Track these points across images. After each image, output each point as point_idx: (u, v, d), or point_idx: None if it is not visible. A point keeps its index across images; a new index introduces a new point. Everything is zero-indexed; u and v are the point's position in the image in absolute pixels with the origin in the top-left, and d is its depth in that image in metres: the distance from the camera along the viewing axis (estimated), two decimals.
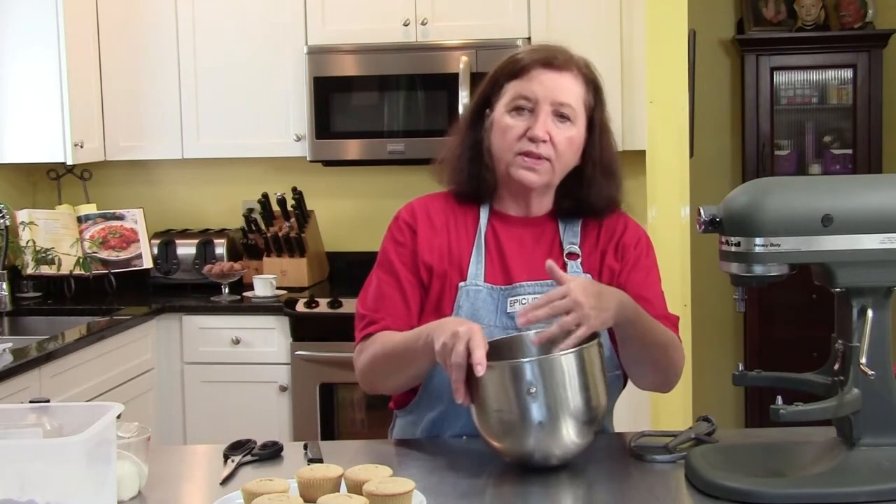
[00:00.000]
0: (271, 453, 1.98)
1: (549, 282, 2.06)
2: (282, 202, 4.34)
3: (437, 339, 1.85)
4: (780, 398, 1.72)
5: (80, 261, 4.34)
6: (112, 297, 4.32)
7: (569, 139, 2.05)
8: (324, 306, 4.05)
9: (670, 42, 3.64)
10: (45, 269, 4.30)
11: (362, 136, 4.29)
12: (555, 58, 2.06)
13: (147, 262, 4.46)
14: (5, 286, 3.99)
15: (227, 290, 4.28)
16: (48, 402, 1.75)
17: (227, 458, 1.96)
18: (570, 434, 1.81)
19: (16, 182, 4.60)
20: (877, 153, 4.98)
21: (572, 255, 2.11)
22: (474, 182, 2.12)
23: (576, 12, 4.11)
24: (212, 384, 4.14)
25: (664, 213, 3.65)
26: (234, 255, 4.52)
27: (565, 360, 1.81)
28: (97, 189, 4.70)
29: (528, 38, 4.12)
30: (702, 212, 1.79)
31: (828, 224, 1.72)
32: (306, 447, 2.00)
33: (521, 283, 2.08)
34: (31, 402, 1.76)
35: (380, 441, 2.20)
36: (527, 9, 4.16)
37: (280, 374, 4.10)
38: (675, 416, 3.50)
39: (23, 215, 4.33)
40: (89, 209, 4.54)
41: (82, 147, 4.23)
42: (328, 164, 4.40)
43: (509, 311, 2.06)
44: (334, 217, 4.64)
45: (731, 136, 5.27)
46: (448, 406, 2.05)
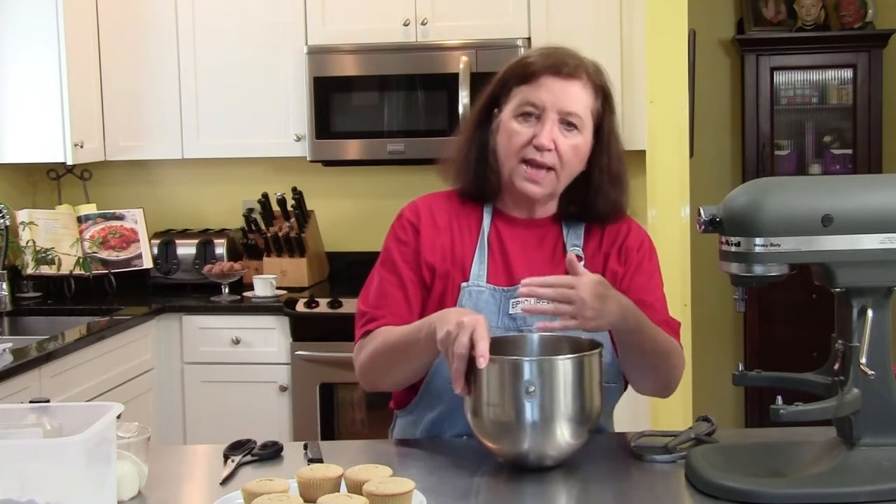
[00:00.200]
0: (271, 453, 1.98)
1: None
2: (282, 202, 4.34)
3: (441, 328, 1.86)
4: (780, 398, 1.72)
5: (80, 261, 4.34)
6: (112, 297, 4.32)
7: (574, 147, 2.05)
8: (324, 306, 4.05)
9: (670, 42, 3.65)
10: (45, 269, 4.30)
11: (362, 136, 4.28)
12: (565, 64, 2.05)
13: (147, 262, 4.46)
14: (5, 286, 3.98)
15: (227, 290, 4.28)
16: (48, 402, 1.75)
17: (227, 458, 1.96)
18: (564, 435, 1.82)
19: (16, 182, 4.60)
20: (877, 153, 4.98)
21: (576, 258, 2.11)
22: (479, 182, 2.12)
23: (576, 12, 4.10)
24: (212, 384, 4.14)
25: (664, 213, 3.65)
26: (234, 255, 4.52)
27: (565, 364, 1.82)
28: (97, 189, 4.70)
29: (528, 38, 4.12)
30: (702, 212, 1.79)
31: (828, 224, 1.72)
32: (306, 447, 2.00)
33: None
34: (31, 402, 1.76)
35: (380, 441, 2.20)
36: (527, 9, 4.16)
37: (280, 374, 4.10)
38: (675, 416, 3.50)
39: (23, 215, 4.33)
40: (89, 209, 4.54)
41: (82, 147, 4.23)
42: (328, 164, 4.40)
43: (511, 312, 2.06)
44: (334, 217, 4.64)
45: (731, 136, 5.27)
46: (448, 406, 2.05)
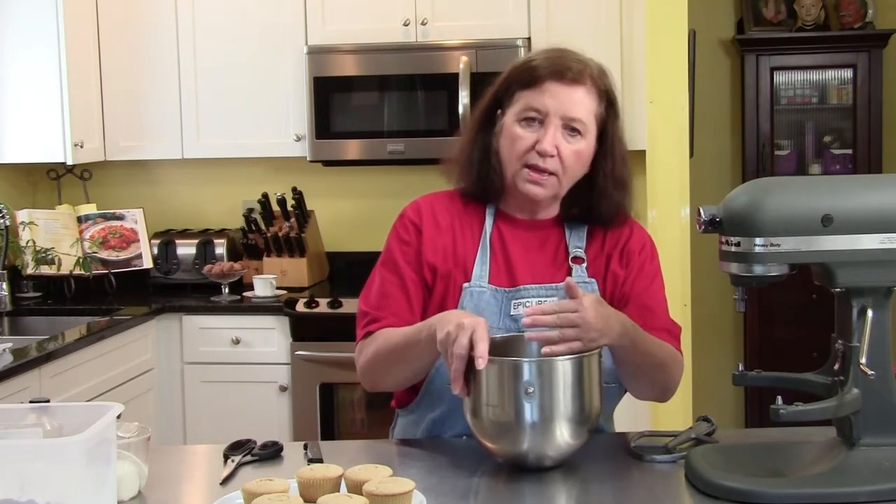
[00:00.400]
0: (271, 453, 1.98)
1: (553, 285, 2.06)
2: (282, 202, 4.34)
3: (441, 329, 1.86)
4: (780, 398, 1.73)
5: (80, 261, 4.34)
6: (112, 297, 4.32)
7: (576, 153, 2.04)
8: (324, 306, 4.05)
9: (670, 42, 3.65)
10: (45, 269, 4.30)
11: (362, 136, 4.28)
12: (568, 69, 2.04)
13: (147, 262, 4.46)
14: (5, 286, 3.98)
15: (227, 290, 4.28)
16: (48, 402, 1.75)
17: (227, 458, 1.96)
18: (563, 436, 1.82)
19: (16, 182, 4.60)
20: (877, 153, 4.98)
21: (577, 260, 2.11)
22: (482, 183, 2.12)
23: (576, 12, 4.10)
24: (212, 384, 4.14)
25: (664, 213, 3.65)
26: (234, 255, 4.52)
27: (565, 365, 1.82)
28: (97, 189, 4.70)
29: (528, 38, 4.12)
30: (702, 212, 1.79)
31: (828, 224, 1.72)
32: (306, 447, 2.00)
33: (526, 285, 2.08)
34: (31, 402, 1.76)
35: (380, 441, 2.20)
36: (527, 9, 4.15)
37: (280, 374, 4.10)
38: (675, 416, 3.50)
39: (23, 215, 4.33)
40: (89, 209, 4.54)
41: (82, 147, 4.23)
42: (328, 164, 4.40)
43: (513, 313, 2.06)
44: (334, 217, 4.64)
45: (731, 136, 5.27)
46: (449, 406, 2.05)
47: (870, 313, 1.75)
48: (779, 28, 5.08)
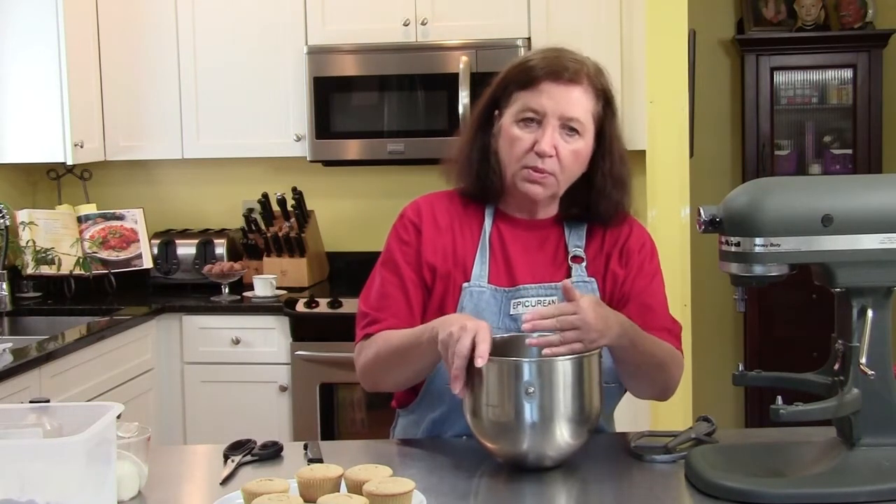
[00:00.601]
0: (271, 453, 1.98)
1: (552, 285, 2.07)
2: (282, 202, 4.34)
3: (444, 330, 1.86)
4: (780, 398, 1.73)
5: (80, 261, 4.34)
6: (112, 297, 4.32)
7: (575, 152, 2.04)
8: (324, 306, 4.05)
9: (670, 42, 3.64)
10: (45, 269, 4.30)
11: (362, 136, 4.28)
12: (565, 69, 2.03)
13: (147, 262, 4.46)
14: (5, 286, 3.98)
15: (227, 290, 4.28)
16: (48, 402, 1.75)
17: (227, 458, 1.96)
18: (563, 436, 1.82)
19: (16, 182, 4.60)
20: (877, 153, 4.98)
21: (577, 259, 2.11)
22: (482, 183, 2.12)
23: (576, 12, 4.10)
24: (212, 384, 4.14)
25: (664, 213, 3.65)
26: (234, 255, 4.52)
27: (565, 365, 1.82)
28: (97, 189, 4.70)
29: (528, 38, 4.12)
30: (702, 212, 1.79)
31: (828, 224, 1.72)
32: (306, 447, 2.01)
33: (525, 285, 2.08)
34: (31, 402, 1.76)
35: (380, 441, 2.20)
36: (527, 9, 4.15)
37: (280, 374, 4.10)
38: (675, 416, 3.50)
39: (23, 215, 4.33)
40: (89, 209, 4.54)
41: (82, 147, 4.23)
42: (328, 164, 4.40)
43: (512, 313, 2.06)
44: (334, 217, 4.64)
45: (731, 136, 5.27)
46: (450, 406, 2.05)
47: (870, 313, 1.75)
48: (779, 28, 5.08)
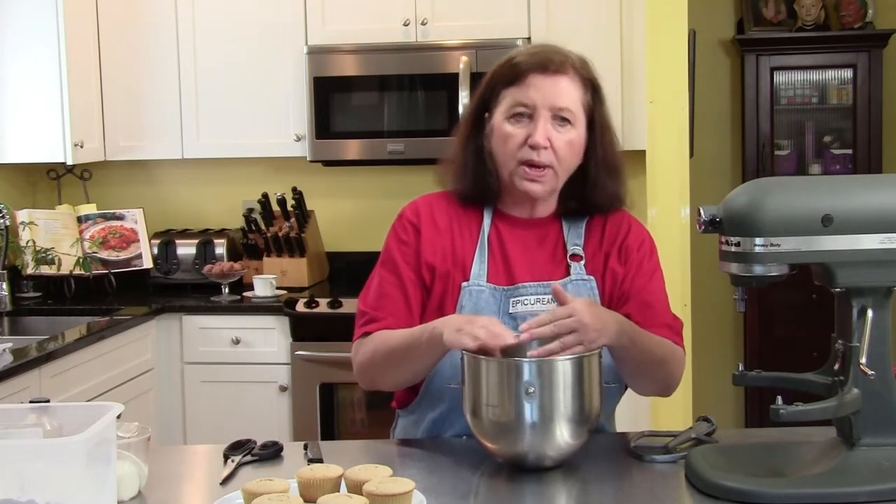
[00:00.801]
0: (271, 453, 1.99)
1: (551, 283, 2.06)
2: (282, 202, 4.34)
3: (450, 326, 1.89)
4: (780, 398, 1.73)
5: (80, 261, 4.34)
6: (112, 297, 4.32)
7: (569, 142, 2.05)
8: (324, 306, 4.05)
9: (670, 42, 3.64)
10: (45, 269, 4.30)
11: (362, 136, 4.28)
12: (550, 61, 2.05)
13: (147, 262, 4.46)
14: (5, 286, 3.98)
15: (227, 290, 4.28)
16: (48, 402, 1.75)
17: (227, 458, 1.96)
18: (563, 436, 1.82)
19: (16, 182, 4.60)
20: (877, 153, 4.98)
21: (576, 257, 2.11)
22: (479, 186, 2.12)
23: (576, 12, 4.10)
24: (212, 384, 4.14)
25: (664, 213, 3.65)
26: (234, 255, 4.52)
27: (565, 365, 1.82)
28: (97, 189, 4.70)
29: (528, 38, 4.12)
30: (702, 212, 1.79)
31: (828, 224, 1.72)
32: (306, 447, 2.01)
33: (524, 283, 2.08)
34: (31, 402, 1.76)
35: (380, 441, 2.20)
36: (527, 9, 4.15)
37: (280, 374, 4.10)
38: (675, 416, 3.50)
39: (23, 215, 4.33)
40: (89, 209, 4.54)
41: (82, 147, 4.23)
42: (328, 164, 4.40)
43: (511, 311, 2.06)
44: (334, 217, 4.64)
45: (731, 136, 5.27)
46: (449, 406, 2.05)
47: (870, 313, 1.75)
48: (779, 28, 5.08)
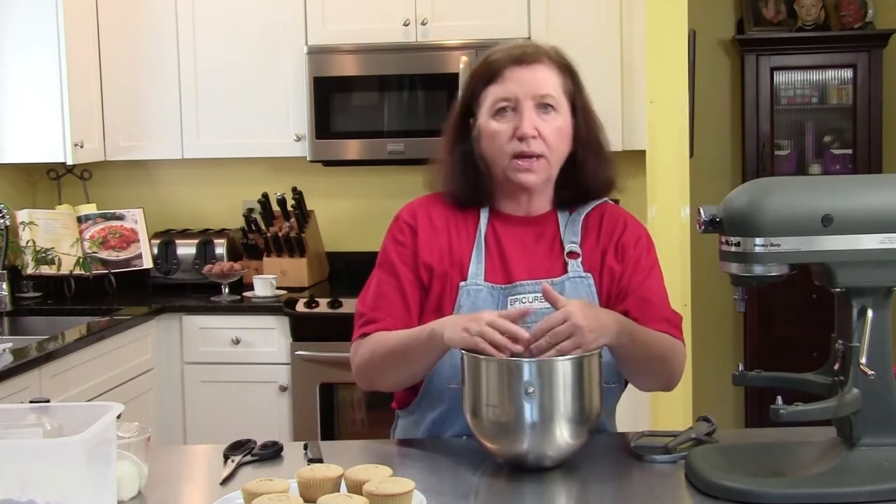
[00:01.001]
0: (271, 453, 1.99)
1: (549, 280, 2.06)
2: (282, 202, 4.34)
3: (453, 325, 1.89)
4: (780, 398, 1.72)
5: (80, 261, 4.34)
6: (112, 297, 4.32)
7: (557, 129, 2.06)
8: (324, 306, 4.05)
9: (670, 42, 3.64)
10: (45, 269, 4.30)
11: (362, 136, 4.28)
12: (525, 53, 2.08)
13: (147, 262, 4.46)
14: (5, 286, 3.98)
15: (227, 290, 4.28)
16: (48, 402, 1.75)
17: (227, 458, 1.96)
18: (563, 436, 1.82)
19: (16, 182, 4.60)
20: (877, 153, 4.98)
21: (573, 255, 2.11)
22: (472, 189, 2.13)
23: (576, 12, 4.11)
24: (212, 384, 4.14)
25: (664, 213, 3.65)
26: (234, 255, 4.52)
27: (565, 365, 1.82)
28: (97, 189, 4.70)
29: (528, 38, 4.12)
30: (702, 212, 1.79)
31: (828, 224, 1.72)
32: (306, 447, 2.01)
33: (522, 282, 2.08)
34: (31, 402, 1.76)
35: (380, 441, 2.20)
36: (527, 9, 4.16)
37: (280, 374, 4.10)
38: (675, 416, 3.50)
39: (23, 215, 4.33)
40: (89, 209, 4.54)
41: (82, 147, 4.23)
42: (328, 164, 4.40)
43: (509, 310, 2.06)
44: (334, 217, 4.64)
45: (731, 136, 5.27)
46: (449, 406, 2.05)
47: (870, 313, 1.75)
48: (779, 28, 5.08)
